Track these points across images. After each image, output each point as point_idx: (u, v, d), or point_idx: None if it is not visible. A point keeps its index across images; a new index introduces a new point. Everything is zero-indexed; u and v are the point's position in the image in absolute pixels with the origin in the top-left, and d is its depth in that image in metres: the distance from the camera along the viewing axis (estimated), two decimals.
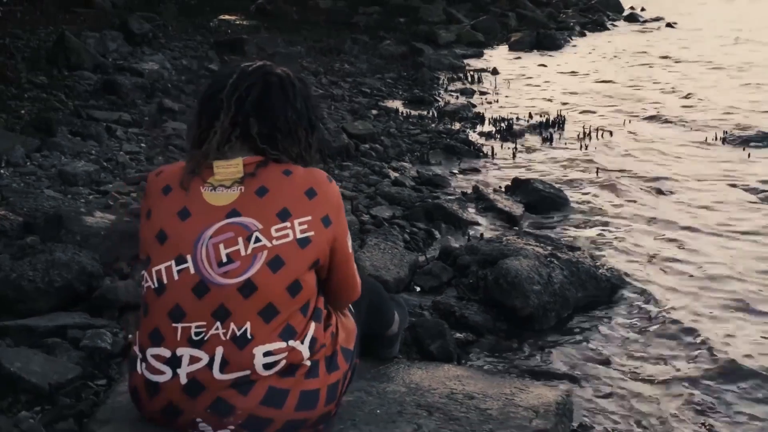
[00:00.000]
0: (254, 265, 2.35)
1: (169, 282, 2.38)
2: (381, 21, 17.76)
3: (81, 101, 8.38)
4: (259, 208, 2.39)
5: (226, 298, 2.35)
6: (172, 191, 2.46)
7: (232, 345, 2.34)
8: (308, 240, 2.40)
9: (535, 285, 4.46)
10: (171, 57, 11.52)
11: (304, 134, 2.58)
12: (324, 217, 2.44)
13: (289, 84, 2.57)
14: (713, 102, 10.95)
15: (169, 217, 2.42)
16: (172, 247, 2.40)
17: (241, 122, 2.47)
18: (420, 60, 13.85)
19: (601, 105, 10.95)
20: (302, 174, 2.48)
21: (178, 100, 9.01)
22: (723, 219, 6.40)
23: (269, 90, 2.51)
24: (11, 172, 5.89)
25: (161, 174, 2.55)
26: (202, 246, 2.37)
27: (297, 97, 2.57)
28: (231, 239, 2.36)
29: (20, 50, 10.59)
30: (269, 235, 2.37)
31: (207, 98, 2.56)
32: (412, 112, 10.03)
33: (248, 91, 2.49)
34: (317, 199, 2.43)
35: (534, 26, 18.50)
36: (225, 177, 2.42)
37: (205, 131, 2.50)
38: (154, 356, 2.41)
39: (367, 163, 7.44)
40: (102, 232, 4.21)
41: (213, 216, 2.39)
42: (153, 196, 2.51)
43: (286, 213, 2.39)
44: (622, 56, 15.27)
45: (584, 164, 7.95)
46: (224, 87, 2.50)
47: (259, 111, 2.49)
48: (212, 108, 2.50)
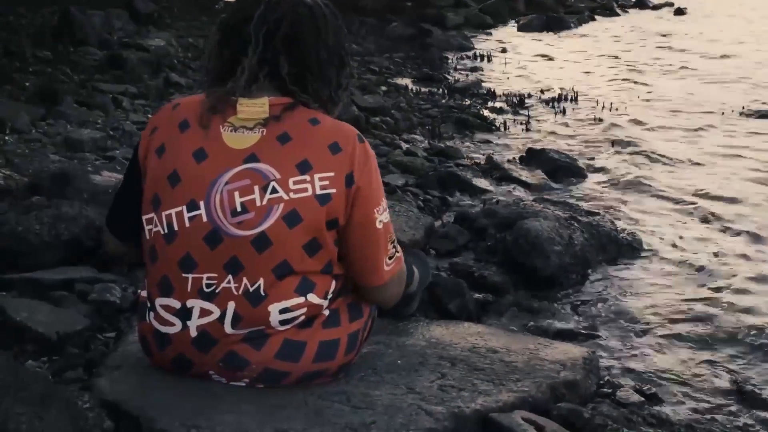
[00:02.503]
0: (269, 218, 2.18)
1: (180, 229, 2.22)
2: (388, 4, 17.60)
3: (86, 75, 8.27)
4: (278, 155, 2.22)
5: (239, 250, 2.19)
6: (189, 128, 2.28)
7: (245, 301, 2.20)
8: (328, 197, 2.21)
9: (555, 246, 4.33)
10: (177, 35, 11.40)
11: (335, 73, 2.40)
12: (348, 174, 2.23)
13: (320, 16, 2.38)
14: (727, 79, 10.80)
15: (185, 157, 2.25)
16: (184, 190, 2.24)
17: (270, 60, 2.29)
18: (428, 41, 13.71)
19: (614, 83, 10.83)
20: (330, 126, 2.30)
21: (185, 75, 8.90)
22: (744, 187, 6.27)
23: (300, 24, 2.32)
24: (16, 138, 5.78)
25: (178, 107, 2.36)
26: (216, 192, 2.21)
27: (329, 31, 2.38)
28: (247, 187, 2.20)
29: (24, 27, 10.48)
30: (287, 187, 2.19)
31: (230, 28, 2.37)
32: (422, 89, 9.90)
33: (278, 25, 2.29)
34: (341, 156, 2.24)
35: (542, 10, 18.33)
36: (249, 116, 2.24)
37: (229, 65, 2.33)
38: (164, 306, 2.27)
39: (378, 135, 7.31)
40: (110, 189, 4.07)
41: (230, 160, 2.22)
42: (168, 130, 2.32)
43: (306, 165, 2.21)
44: (633, 38, 15.13)
45: (599, 135, 7.84)
46: (250, 17, 2.30)
47: (289, 48, 2.30)
48: (237, 41, 2.31)
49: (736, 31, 15.56)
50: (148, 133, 2.36)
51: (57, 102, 6.76)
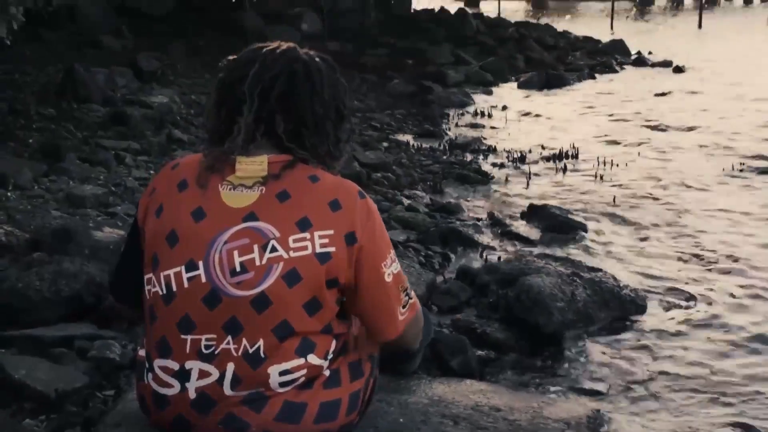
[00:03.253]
0: (269, 277, 2.16)
1: (179, 289, 2.20)
2: (389, 62, 17.78)
3: (89, 132, 8.32)
4: (278, 213, 2.20)
5: (238, 310, 2.16)
6: (188, 188, 2.27)
7: (244, 363, 2.17)
8: (329, 255, 2.18)
9: (558, 302, 4.31)
10: (180, 92, 11.50)
11: (332, 128, 2.38)
12: (348, 233, 2.20)
13: (315, 71, 2.37)
14: (728, 135, 10.84)
15: (183, 217, 2.23)
16: (183, 250, 2.21)
17: (265, 118, 2.28)
18: (429, 98, 13.81)
19: (614, 139, 10.86)
20: (330, 183, 2.28)
21: (188, 132, 8.96)
22: (744, 242, 6.26)
23: (295, 81, 2.31)
24: (18, 194, 5.80)
25: (177, 167, 2.35)
26: (215, 252, 2.18)
27: (324, 86, 2.36)
28: (246, 246, 2.17)
29: (29, 85, 10.58)
30: (286, 245, 2.17)
31: (227, 87, 2.37)
32: (423, 145, 9.95)
33: (272, 83, 2.28)
34: (342, 213, 2.21)
35: (542, 68, 18.48)
36: (247, 175, 2.22)
37: (226, 124, 2.33)
38: (162, 368, 2.24)
39: (380, 191, 7.34)
40: (111, 246, 4.08)
41: (229, 219, 2.20)
42: (167, 190, 2.30)
43: (306, 223, 2.19)
44: (633, 95, 15.23)
45: (600, 192, 7.84)
46: (245, 76, 2.31)
47: (285, 106, 2.28)
48: (233, 100, 2.31)
49: (736, 88, 15.68)
50: (148, 194, 2.35)
51: (60, 158, 6.80)
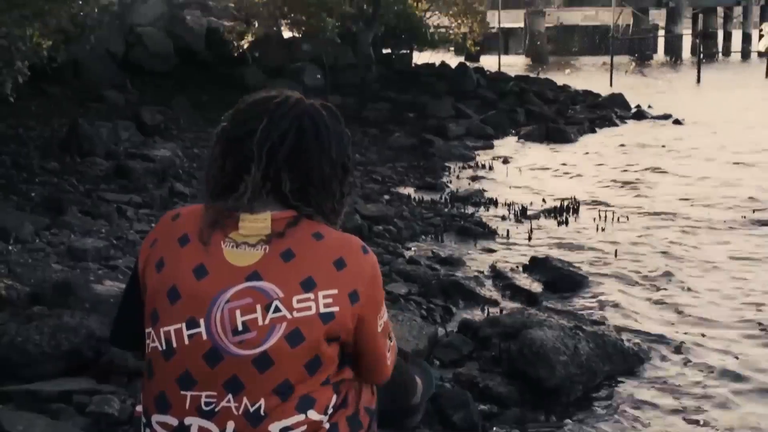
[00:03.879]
0: (271, 337, 2.13)
1: (179, 346, 2.17)
2: (390, 115, 17.92)
3: (92, 185, 8.35)
4: (282, 273, 2.18)
5: (240, 369, 2.14)
6: (189, 243, 2.24)
7: (245, 421, 2.14)
8: (332, 315, 2.16)
9: (561, 356, 4.28)
10: (183, 146, 11.57)
11: (338, 185, 2.36)
12: (352, 292, 2.18)
13: (323, 127, 2.35)
14: (727, 188, 10.87)
15: (184, 273, 2.21)
16: (184, 307, 2.19)
17: (272, 177, 2.27)
18: (430, 151, 13.88)
19: (615, 192, 10.89)
20: (334, 241, 2.26)
21: (189, 185, 8.99)
22: (746, 293, 6.24)
23: (304, 139, 2.29)
24: (20, 248, 5.79)
25: (178, 219, 2.32)
26: (217, 310, 2.16)
27: (332, 143, 2.35)
28: (249, 305, 2.15)
29: (33, 139, 10.66)
30: (290, 306, 2.15)
31: (233, 140, 2.33)
32: (425, 198, 9.98)
33: (281, 141, 2.26)
34: (346, 271, 2.19)
35: (543, 121, 18.60)
36: (251, 232, 2.20)
37: (230, 178, 2.31)
38: (160, 423, 2.20)
39: (381, 243, 7.33)
40: (112, 299, 4.06)
41: (232, 277, 2.18)
42: (168, 244, 2.28)
43: (310, 283, 2.17)
44: (633, 149, 15.30)
45: (602, 246, 7.82)
46: (253, 131, 2.29)
47: (293, 165, 2.27)
48: (239, 155, 2.29)
49: (736, 141, 15.76)
50: (148, 245, 2.33)
51: (62, 212, 6.81)
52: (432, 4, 25.94)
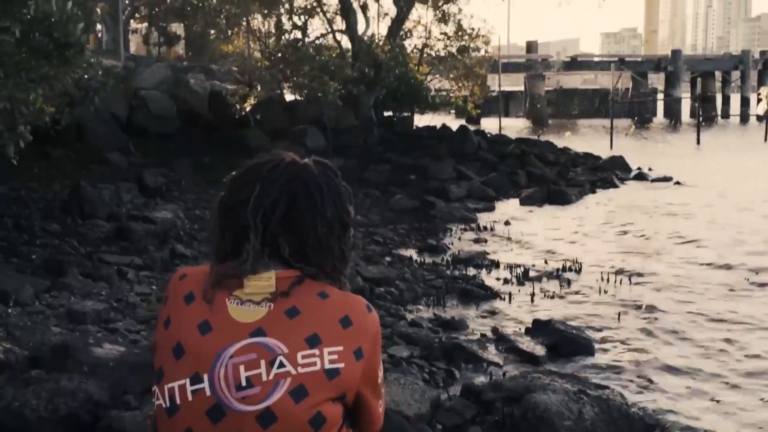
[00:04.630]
0: (275, 393, 2.12)
1: (183, 402, 2.16)
2: (392, 177, 17.99)
3: (93, 247, 8.34)
4: (287, 330, 2.18)
5: (243, 425, 2.12)
6: (194, 301, 2.25)
7: None
8: (337, 371, 2.16)
9: (565, 420, 4.22)
10: (184, 208, 11.58)
11: (337, 244, 2.37)
12: (357, 349, 2.18)
13: (317, 189, 2.37)
14: (729, 250, 10.85)
15: (189, 329, 2.21)
16: (188, 363, 2.18)
17: (270, 241, 2.30)
18: (432, 212, 13.90)
19: (617, 254, 10.86)
20: (339, 299, 2.27)
21: (191, 247, 8.97)
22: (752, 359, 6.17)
23: (296, 203, 2.32)
24: (19, 311, 5.76)
25: (185, 278, 2.34)
26: (221, 366, 2.15)
27: (326, 203, 2.37)
28: (253, 361, 2.14)
29: (35, 201, 10.68)
30: (294, 361, 2.14)
31: (228, 209, 2.37)
32: (426, 260, 9.96)
33: (273, 208, 2.30)
34: (352, 329, 2.20)
35: (544, 183, 18.66)
36: (256, 291, 2.21)
37: (230, 246, 2.33)
38: None
39: (383, 306, 7.29)
40: (110, 363, 4.02)
41: (236, 333, 2.18)
42: (174, 302, 2.29)
43: (316, 339, 2.17)
44: (634, 210, 15.32)
45: (605, 308, 7.78)
46: (247, 200, 2.32)
47: (287, 229, 2.30)
48: (236, 224, 2.32)
49: (737, 203, 15.79)
50: (162, 305, 2.36)
51: (62, 274, 6.79)
52: (433, 68, 26.25)
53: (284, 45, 23.41)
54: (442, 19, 25.59)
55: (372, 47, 23.58)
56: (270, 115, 21.39)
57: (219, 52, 30.12)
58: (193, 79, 22.14)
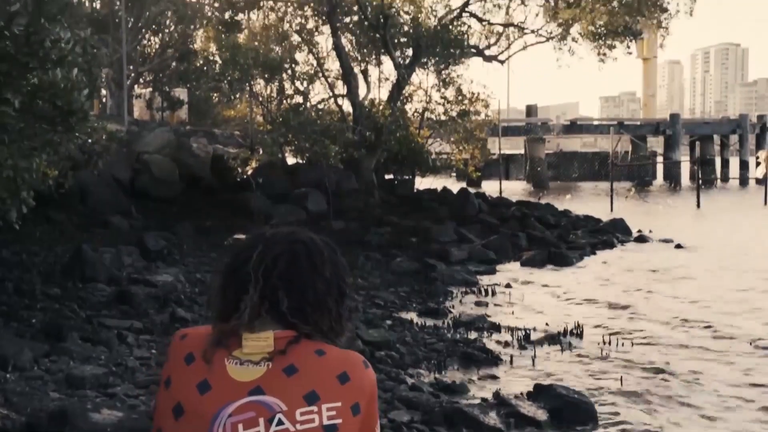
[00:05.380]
0: None
1: None
2: (393, 240, 18.01)
3: (93, 311, 8.33)
4: (285, 388, 2.20)
5: None
6: (194, 361, 2.28)
7: None
8: (335, 427, 2.18)
9: None
10: (185, 271, 11.59)
11: (335, 305, 2.42)
12: (354, 404, 2.22)
13: (316, 252, 2.44)
14: (730, 314, 10.82)
15: (189, 389, 2.23)
16: (187, 423, 2.19)
17: (269, 296, 2.33)
18: (433, 275, 13.88)
19: (619, 316, 10.84)
20: (336, 356, 2.30)
21: (191, 310, 8.96)
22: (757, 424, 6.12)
23: (296, 260, 2.38)
24: (17, 376, 5.73)
25: (186, 339, 2.37)
26: (219, 425, 2.16)
27: (325, 265, 2.43)
28: (251, 419, 2.15)
29: (36, 265, 10.68)
30: (293, 419, 2.16)
31: (232, 270, 2.43)
32: (427, 323, 9.93)
33: (275, 263, 2.36)
34: (350, 385, 2.23)
35: (545, 246, 18.68)
36: (254, 350, 2.24)
37: (232, 303, 2.37)
38: None
39: (383, 370, 7.24)
40: (108, 428, 3.99)
41: (235, 392, 2.20)
42: (175, 363, 2.32)
43: (314, 396, 2.19)
44: (635, 273, 15.32)
45: (606, 370, 7.74)
46: (249, 258, 2.38)
47: (287, 283, 2.35)
48: (238, 281, 2.37)
49: (736, 266, 15.79)
50: (165, 364, 2.38)
51: (62, 338, 6.77)
52: (433, 132, 26.48)
53: (286, 109, 23.66)
54: (442, 84, 25.91)
55: (373, 111, 23.84)
56: (271, 179, 21.51)
57: (222, 117, 30.51)
58: (196, 143, 22.34)
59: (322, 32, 25.79)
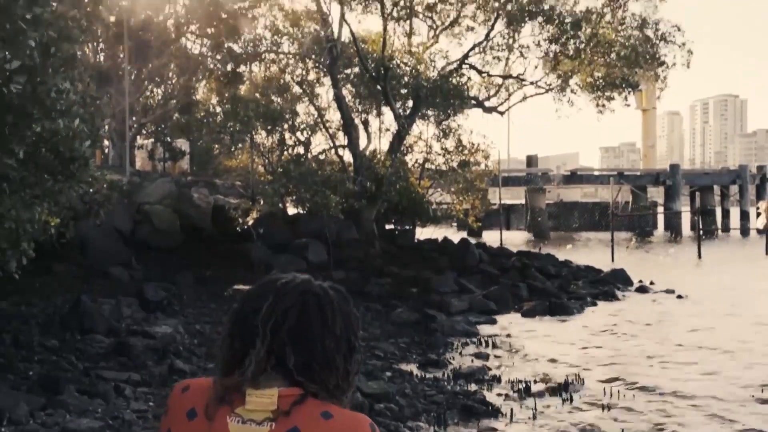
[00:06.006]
0: None
1: None
2: (393, 290, 17.96)
3: (91, 363, 8.29)
4: None
5: None
6: (197, 417, 2.25)
7: None
8: None
9: None
10: (185, 322, 11.55)
11: (343, 362, 2.38)
12: None
13: (327, 304, 2.40)
14: (733, 364, 10.75)
15: None
16: None
17: (276, 351, 2.30)
18: (433, 326, 13.83)
19: (619, 367, 10.76)
20: (343, 419, 2.26)
21: (190, 362, 8.91)
22: None
23: (307, 314, 2.35)
24: (12, 430, 5.68)
25: (187, 391, 2.34)
26: None
27: (336, 319, 2.39)
28: None
29: (35, 316, 10.65)
30: None
31: (240, 320, 2.40)
32: (427, 375, 9.87)
33: (285, 316, 2.33)
34: None
35: (545, 296, 18.64)
36: (257, 407, 2.21)
37: (238, 354, 2.35)
38: None
39: (383, 423, 7.18)
40: None
41: None
42: (175, 417, 2.28)
43: None
44: (636, 324, 15.25)
45: (608, 423, 7.66)
46: (259, 309, 2.35)
47: (296, 339, 2.32)
48: (246, 332, 2.34)
49: (738, 317, 15.73)
50: (164, 414, 2.35)
51: (58, 391, 6.73)
52: (434, 182, 26.56)
53: (287, 160, 23.77)
54: (442, 135, 26.07)
55: (374, 162, 23.96)
56: (272, 229, 21.52)
57: (223, 167, 30.61)
58: (197, 194, 22.39)
59: (323, 84, 26.01)
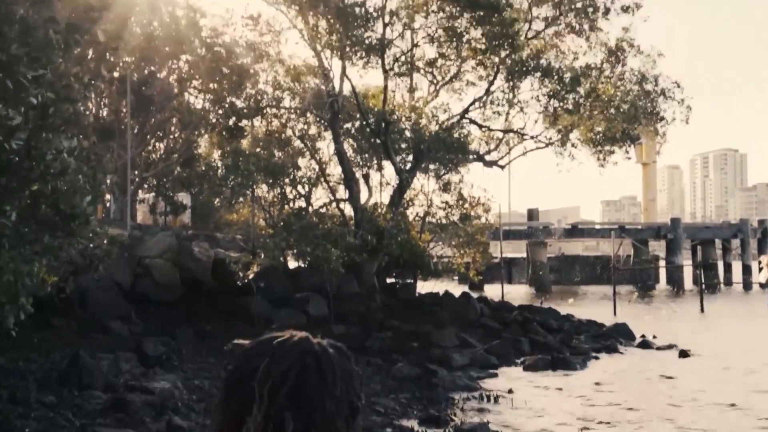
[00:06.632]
0: None
1: None
2: (394, 344, 17.86)
3: (88, 419, 8.21)
4: None
5: None
6: None
7: None
8: None
9: None
10: (184, 377, 11.45)
11: (344, 425, 2.34)
12: None
13: (327, 365, 2.35)
14: (736, 423, 10.63)
15: None
16: None
17: (274, 417, 2.26)
18: (434, 381, 13.72)
19: (622, 425, 10.63)
20: None
21: (188, 418, 8.81)
22: None
23: (306, 376, 2.30)
24: None
25: None
26: None
27: (336, 381, 2.34)
28: None
29: (33, 372, 10.57)
30: None
31: (235, 382, 2.35)
32: (428, 431, 9.72)
33: (283, 379, 2.29)
34: None
35: (547, 351, 18.54)
36: None
37: (234, 420, 2.31)
38: None
39: None
40: None
41: None
42: None
43: None
44: (639, 379, 15.14)
45: None
46: (255, 370, 2.31)
47: (294, 403, 2.28)
48: (243, 396, 2.31)
49: (742, 373, 15.62)
50: None
51: None
52: (435, 236, 26.57)
53: (288, 213, 23.82)
54: (443, 188, 26.16)
55: (374, 215, 23.99)
56: (273, 283, 21.47)
57: (224, 221, 30.65)
58: (198, 248, 22.37)
59: (324, 138, 26.19)
